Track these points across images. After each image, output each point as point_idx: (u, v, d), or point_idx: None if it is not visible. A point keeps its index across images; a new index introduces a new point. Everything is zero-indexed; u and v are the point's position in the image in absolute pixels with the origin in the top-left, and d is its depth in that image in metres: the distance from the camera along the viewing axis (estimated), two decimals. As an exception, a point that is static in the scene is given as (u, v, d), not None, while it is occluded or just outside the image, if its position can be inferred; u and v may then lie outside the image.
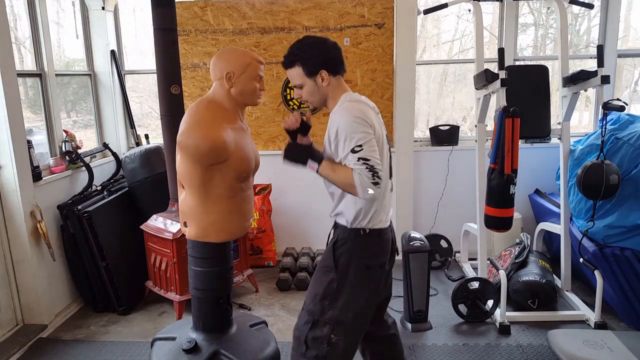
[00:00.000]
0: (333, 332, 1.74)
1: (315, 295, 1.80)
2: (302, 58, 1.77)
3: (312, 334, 1.76)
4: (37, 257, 2.96)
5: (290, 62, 1.79)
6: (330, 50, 1.79)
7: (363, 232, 1.78)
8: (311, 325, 1.77)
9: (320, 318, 1.76)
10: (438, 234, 3.87)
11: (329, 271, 1.80)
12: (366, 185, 1.62)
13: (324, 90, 1.79)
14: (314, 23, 3.83)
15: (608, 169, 2.73)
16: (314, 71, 1.76)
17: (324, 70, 1.76)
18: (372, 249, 1.81)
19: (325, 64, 1.76)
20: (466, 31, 5.03)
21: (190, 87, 3.95)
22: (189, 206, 2.17)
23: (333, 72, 1.78)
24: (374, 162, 1.63)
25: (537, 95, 3.13)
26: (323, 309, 1.77)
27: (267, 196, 3.89)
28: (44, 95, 3.34)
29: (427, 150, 4.06)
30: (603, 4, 3.88)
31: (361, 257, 1.79)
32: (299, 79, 1.80)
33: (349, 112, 1.69)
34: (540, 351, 2.67)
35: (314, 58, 1.76)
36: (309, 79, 1.78)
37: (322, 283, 1.80)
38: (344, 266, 1.78)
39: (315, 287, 1.82)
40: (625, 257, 2.79)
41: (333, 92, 1.80)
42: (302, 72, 1.77)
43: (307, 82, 1.79)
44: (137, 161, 3.50)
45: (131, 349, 2.78)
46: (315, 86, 1.78)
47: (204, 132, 1.99)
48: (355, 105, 1.73)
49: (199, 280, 2.30)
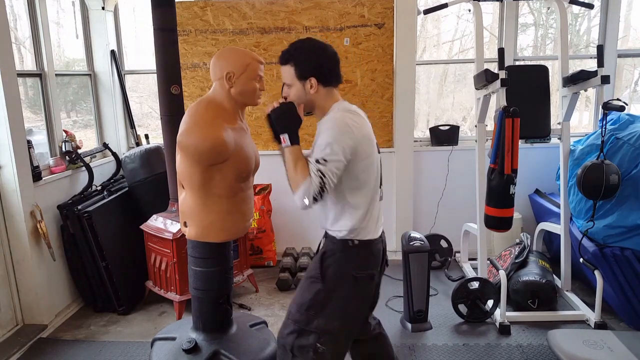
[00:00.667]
0: (319, 340, 1.73)
1: (301, 305, 1.78)
2: (297, 59, 1.75)
3: (298, 342, 1.75)
4: (37, 257, 2.96)
5: (285, 59, 1.78)
6: (328, 59, 1.77)
7: (352, 244, 1.76)
8: (297, 334, 1.76)
9: (306, 327, 1.75)
10: (438, 234, 3.87)
11: (316, 282, 1.78)
12: (308, 195, 1.65)
13: (311, 97, 1.77)
14: (314, 23, 3.83)
15: (608, 169, 2.72)
16: (304, 75, 1.75)
17: (313, 78, 1.74)
18: (361, 261, 1.79)
19: (316, 72, 1.74)
20: (466, 31, 5.04)
21: (190, 87, 3.95)
22: (189, 206, 2.17)
23: (323, 82, 1.76)
24: (327, 181, 1.64)
25: (537, 95, 3.13)
26: (309, 319, 1.76)
27: (267, 196, 3.89)
28: (44, 95, 3.34)
29: (427, 150, 4.06)
30: (603, 4, 3.88)
31: (349, 269, 1.77)
32: (289, 79, 1.78)
33: (338, 126, 1.67)
34: (540, 351, 2.67)
35: (308, 63, 1.74)
36: (298, 81, 1.76)
37: (309, 293, 1.78)
38: (332, 278, 1.77)
39: (301, 297, 1.80)
40: (625, 257, 2.79)
41: (321, 101, 1.78)
42: (294, 72, 1.76)
43: (296, 84, 1.77)
44: (137, 161, 3.49)
45: (131, 349, 2.78)
46: (303, 90, 1.77)
47: (204, 132, 1.99)
48: (347, 117, 1.71)
49: (199, 280, 2.30)
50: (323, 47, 1.78)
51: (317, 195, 1.65)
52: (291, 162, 1.71)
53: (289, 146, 1.73)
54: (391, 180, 3.96)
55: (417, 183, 4.05)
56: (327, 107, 1.78)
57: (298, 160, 1.71)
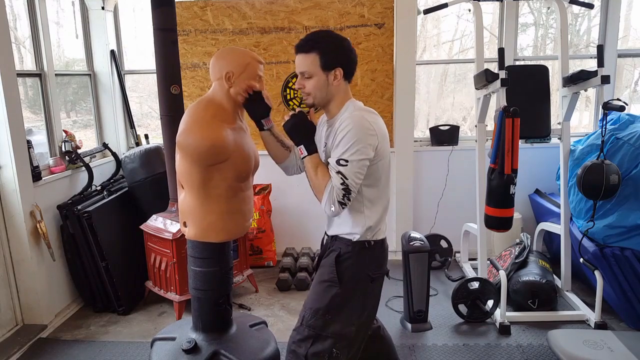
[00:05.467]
0: (335, 346, 1.71)
1: (317, 310, 1.73)
2: (324, 48, 1.67)
3: (313, 349, 1.71)
4: (37, 257, 2.96)
5: (309, 47, 1.68)
6: (352, 53, 1.74)
7: (368, 245, 1.75)
8: (313, 340, 1.72)
9: (322, 332, 1.72)
10: (438, 234, 3.87)
11: (333, 286, 1.74)
12: (333, 201, 1.63)
13: (333, 89, 1.72)
14: (314, 23, 3.82)
15: (608, 169, 2.72)
16: (331, 65, 1.68)
17: (340, 69, 1.70)
18: (377, 261, 1.79)
19: (344, 64, 1.70)
20: (466, 31, 5.03)
21: (190, 87, 3.95)
22: (189, 206, 2.16)
23: (347, 75, 1.73)
24: (351, 184, 1.61)
25: (537, 95, 3.13)
26: (325, 324, 1.72)
27: (267, 196, 3.89)
28: (44, 95, 3.33)
29: (427, 150, 4.06)
30: (603, 4, 3.88)
31: (367, 270, 1.75)
32: (311, 68, 1.69)
33: (360, 126, 1.63)
34: (540, 351, 2.67)
35: (336, 53, 1.70)
36: (322, 71, 1.69)
37: (325, 298, 1.73)
38: (350, 280, 1.74)
39: (316, 302, 1.75)
40: (625, 257, 2.79)
41: (339, 95, 1.74)
42: (318, 62, 1.68)
43: (319, 75, 1.69)
44: (136, 161, 3.49)
45: (131, 349, 2.78)
46: (326, 81, 1.70)
47: (203, 132, 1.99)
48: (367, 116, 1.68)
49: (199, 281, 2.30)
50: (346, 39, 1.74)
51: (342, 199, 1.62)
52: (312, 170, 1.71)
53: (307, 156, 1.72)
54: (391, 180, 3.93)
55: (417, 183, 4.05)
56: (342, 103, 1.75)
57: (318, 167, 1.71)
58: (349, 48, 1.73)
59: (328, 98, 1.74)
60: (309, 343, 1.72)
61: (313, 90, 1.72)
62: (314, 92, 1.72)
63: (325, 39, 1.70)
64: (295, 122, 1.75)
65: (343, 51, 1.71)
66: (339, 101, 1.75)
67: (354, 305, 1.75)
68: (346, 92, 1.77)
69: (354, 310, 1.74)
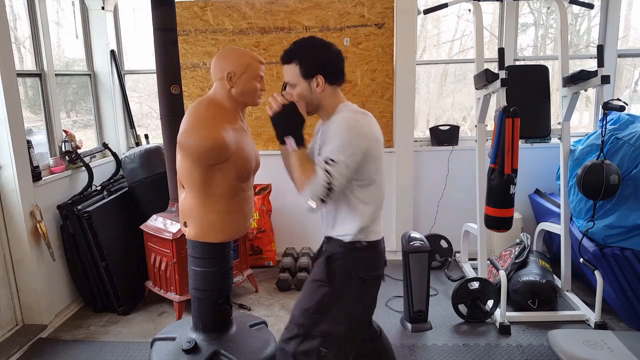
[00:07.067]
0: (323, 344, 1.71)
1: (307, 308, 1.75)
2: (302, 57, 1.71)
3: (301, 347, 1.72)
4: (37, 257, 2.96)
5: (289, 58, 1.73)
6: (333, 57, 1.74)
7: (360, 245, 1.75)
8: (301, 338, 1.73)
9: (311, 331, 1.73)
10: (438, 234, 3.87)
11: (323, 286, 1.76)
12: (314, 196, 1.63)
13: (317, 95, 1.73)
14: (314, 23, 3.83)
15: (608, 169, 2.72)
16: (310, 74, 1.71)
17: (320, 76, 1.71)
18: (369, 263, 1.79)
19: (323, 70, 1.71)
20: (466, 31, 5.03)
21: (190, 87, 3.95)
22: (189, 206, 2.16)
23: (330, 81, 1.73)
24: (335, 183, 1.61)
25: (537, 95, 3.13)
26: (314, 322, 1.73)
27: (267, 196, 3.89)
28: (44, 95, 3.33)
29: (427, 150, 4.06)
30: (603, 4, 3.88)
31: (357, 271, 1.76)
32: (292, 78, 1.74)
33: (350, 128, 1.65)
34: (540, 351, 2.67)
35: (314, 60, 1.71)
36: (303, 80, 1.72)
37: (315, 297, 1.75)
38: (339, 281, 1.75)
39: (306, 301, 1.78)
40: (625, 257, 2.79)
41: (327, 101, 1.75)
42: (299, 71, 1.72)
43: (301, 83, 1.73)
44: (137, 161, 3.49)
45: (131, 349, 2.78)
46: (309, 89, 1.73)
47: (204, 132, 1.99)
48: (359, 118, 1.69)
49: (199, 281, 2.30)
50: (327, 44, 1.75)
51: (324, 196, 1.63)
52: (297, 164, 1.70)
53: (296, 150, 1.71)
54: (391, 180, 3.95)
55: (417, 183, 4.05)
56: (333, 107, 1.75)
57: (305, 162, 1.70)
58: (329, 52, 1.73)
59: (316, 104, 1.76)
60: (298, 341, 1.73)
61: (299, 98, 1.74)
62: (299, 101, 1.74)
63: (304, 48, 1.73)
64: (287, 112, 1.72)
65: (321, 57, 1.72)
66: (329, 105, 1.76)
67: (344, 306, 1.75)
68: (335, 95, 1.77)
69: (343, 311, 1.74)
